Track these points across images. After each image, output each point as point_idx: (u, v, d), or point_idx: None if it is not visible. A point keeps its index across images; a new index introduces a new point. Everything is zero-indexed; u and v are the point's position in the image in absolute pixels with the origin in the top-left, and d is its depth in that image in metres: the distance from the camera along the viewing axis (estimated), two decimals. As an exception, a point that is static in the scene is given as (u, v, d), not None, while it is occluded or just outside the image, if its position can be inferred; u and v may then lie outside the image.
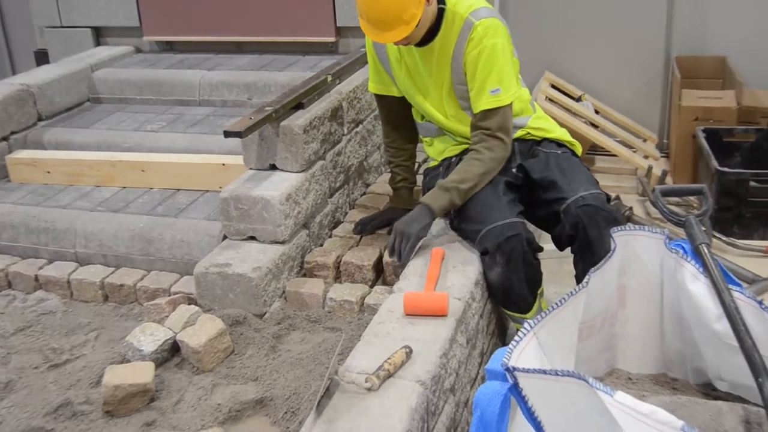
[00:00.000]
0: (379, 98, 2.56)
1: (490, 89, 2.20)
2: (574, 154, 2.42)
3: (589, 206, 2.16)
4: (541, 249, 2.26)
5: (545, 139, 2.42)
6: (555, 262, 2.77)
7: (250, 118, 2.38)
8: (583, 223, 2.15)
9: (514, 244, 2.13)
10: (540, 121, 2.44)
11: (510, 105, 2.25)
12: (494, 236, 2.14)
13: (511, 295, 2.20)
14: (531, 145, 2.41)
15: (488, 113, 2.23)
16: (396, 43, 2.19)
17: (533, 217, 2.36)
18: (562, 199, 2.21)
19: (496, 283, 2.18)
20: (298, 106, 2.57)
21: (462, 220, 2.29)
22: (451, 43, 2.23)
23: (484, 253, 2.18)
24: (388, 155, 2.64)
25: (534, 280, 2.23)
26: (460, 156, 2.40)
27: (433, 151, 2.53)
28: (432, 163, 2.56)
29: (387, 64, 2.41)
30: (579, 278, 2.23)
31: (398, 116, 2.55)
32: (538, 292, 2.28)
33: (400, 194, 2.63)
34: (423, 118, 2.48)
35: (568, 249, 2.28)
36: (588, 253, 2.17)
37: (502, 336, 2.48)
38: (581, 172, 2.30)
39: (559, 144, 2.42)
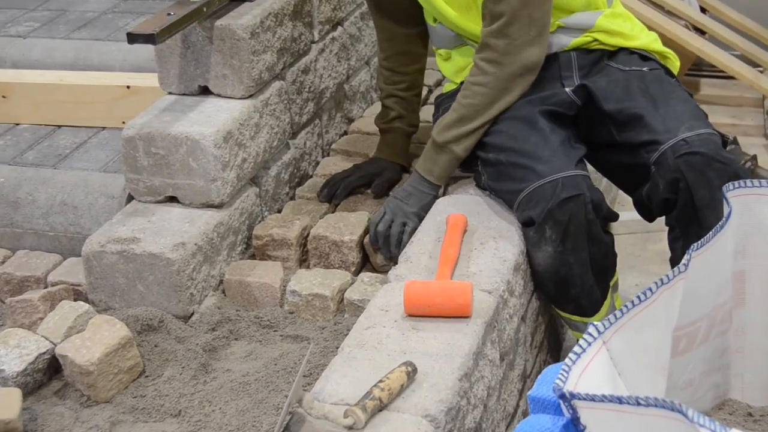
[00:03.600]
0: None
1: None
2: (667, 72, 2.41)
3: (695, 154, 2.15)
4: (615, 217, 2.26)
5: (622, 49, 2.42)
6: (637, 240, 2.78)
7: (169, 14, 2.37)
8: (686, 181, 2.15)
9: (574, 211, 2.13)
10: (616, 21, 2.44)
11: None
12: (543, 198, 2.14)
13: (570, 287, 2.22)
14: (598, 58, 2.41)
15: None
16: None
17: (601, 168, 2.36)
18: (653, 143, 2.20)
19: (546, 269, 2.20)
20: (242, -5, 2.57)
21: (492, 175, 2.30)
22: None
23: (527, 224, 2.19)
24: (380, 80, 2.65)
25: (604, 265, 2.25)
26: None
27: (449, 68, 2.53)
28: (447, 87, 2.57)
29: None
30: (677, 263, 2.23)
31: (401, 21, 2.55)
32: (611, 283, 2.30)
33: (390, 140, 2.65)
34: (436, 20, 2.47)
35: (660, 220, 2.28)
36: (694, 226, 2.18)
37: (554, 350, 2.50)
38: (681, 99, 2.30)
39: (645, 57, 2.41)
